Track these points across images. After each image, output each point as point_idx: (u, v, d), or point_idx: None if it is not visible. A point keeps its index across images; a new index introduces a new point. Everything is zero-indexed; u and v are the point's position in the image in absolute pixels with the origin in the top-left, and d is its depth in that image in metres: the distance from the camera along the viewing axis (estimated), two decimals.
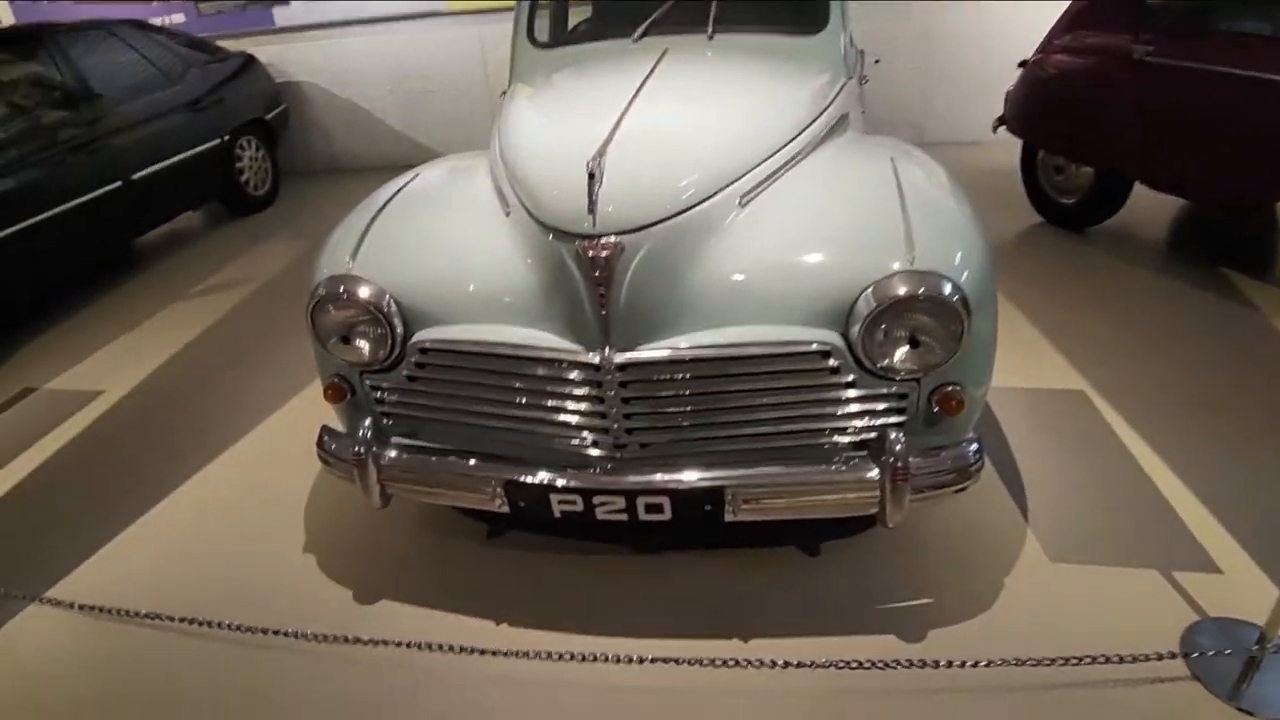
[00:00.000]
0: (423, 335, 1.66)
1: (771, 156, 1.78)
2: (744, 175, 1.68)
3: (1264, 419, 2.42)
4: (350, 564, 2.12)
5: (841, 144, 2.07)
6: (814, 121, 2.01)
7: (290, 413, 2.91)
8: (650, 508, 1.61)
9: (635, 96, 1.88)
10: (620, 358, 1.53)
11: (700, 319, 1.55)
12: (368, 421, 1.73)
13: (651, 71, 2.09)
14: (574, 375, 1.58)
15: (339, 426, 1.93)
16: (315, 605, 1.99)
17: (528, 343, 1.58)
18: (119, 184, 4.20)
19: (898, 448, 1.55)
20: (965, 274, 1.53)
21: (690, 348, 1.53)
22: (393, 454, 1.74)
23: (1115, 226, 3.99)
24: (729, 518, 1.61)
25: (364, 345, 1.69)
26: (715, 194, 1.60)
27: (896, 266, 1.51)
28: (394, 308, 1.66)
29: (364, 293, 1.65)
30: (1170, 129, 3.37)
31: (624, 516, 1.63)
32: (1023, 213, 4.28)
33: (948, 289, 1.49)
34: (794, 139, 1.88)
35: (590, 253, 1.47)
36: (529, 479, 1.63)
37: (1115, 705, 1.57)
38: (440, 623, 1.89)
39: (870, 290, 1.49)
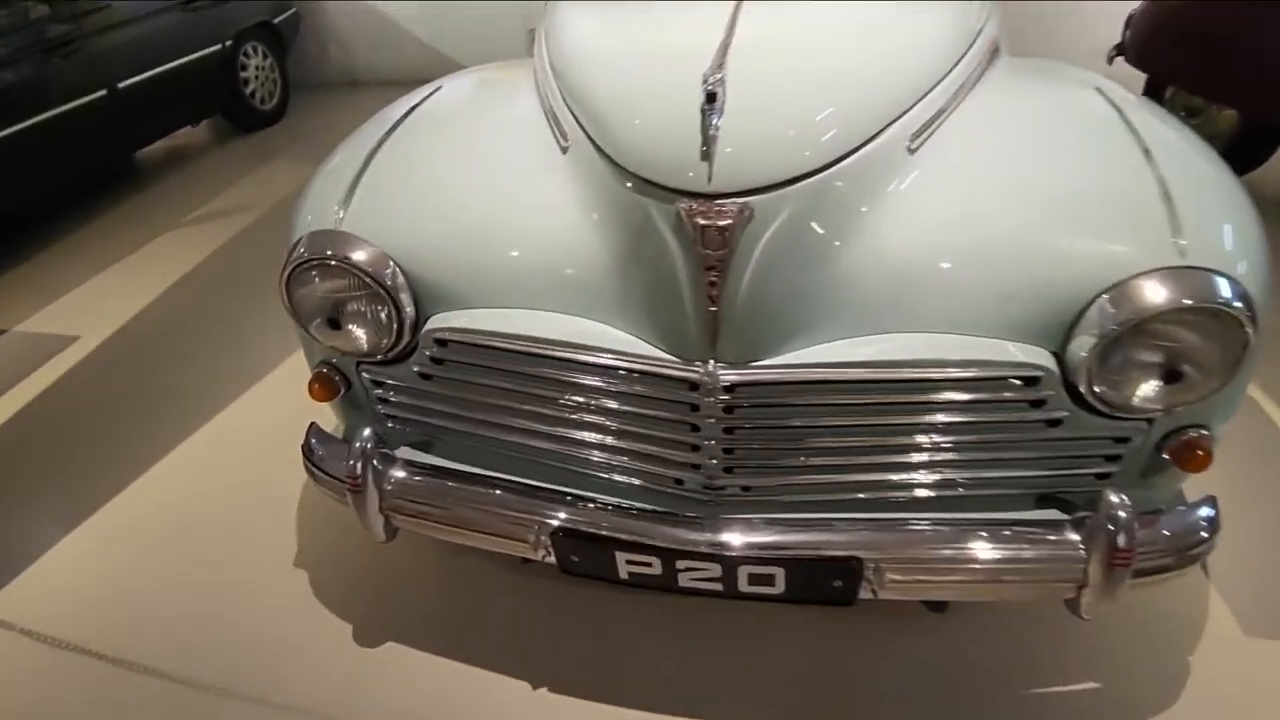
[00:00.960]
0: (440, 321, 1.19)
1: (943, 79, 1.24)
2: (913, 105, 1.16)
3: None
4: (351, 589, 1.70)
5: (1011, 69, 1.52)
6: (980, 34, 1.46)
7: (287, 376, 2.46)
8: (756, 579, 1.15)
9: None
10: (729, 375, 1.05)
11: (845, 322, 1.06)
12: (366, 432, 1.28)
13: None
14: (659, 393, 1.10)
15: (333, 422, 1.48)
16: (303, 645, 1.58)
17: (592, 344, 1.10)
18: (102, 93, 3.66)
19: (1121, 515, 1.07)
20: (1243, 267, 1.03)
21: (831, 365, 1.04)
22: (400, 474, 1.29)
23: (1247, 181, 3.37)
24: (864, 595, 1.16)
25: (359, 332, 1.22)
26: (880, 132, 1.09)
27: (1153, 260, 1.00)
28: (400, 279, 1.18)
29: (359, 257, 1.17)
30: None
31: (718, 586, 1.17)
32: None
33: (1227, 291, 0.99)
34: (963, 55, 1.34)
35: (702, 221, 0.97)
36: (586, 527, 1.18)
37: None
38: (459, 683, 1.48)
39: (1109, 296, 0.99)
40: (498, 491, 1.26)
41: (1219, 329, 1.00)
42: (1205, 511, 1.18)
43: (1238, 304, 0.99)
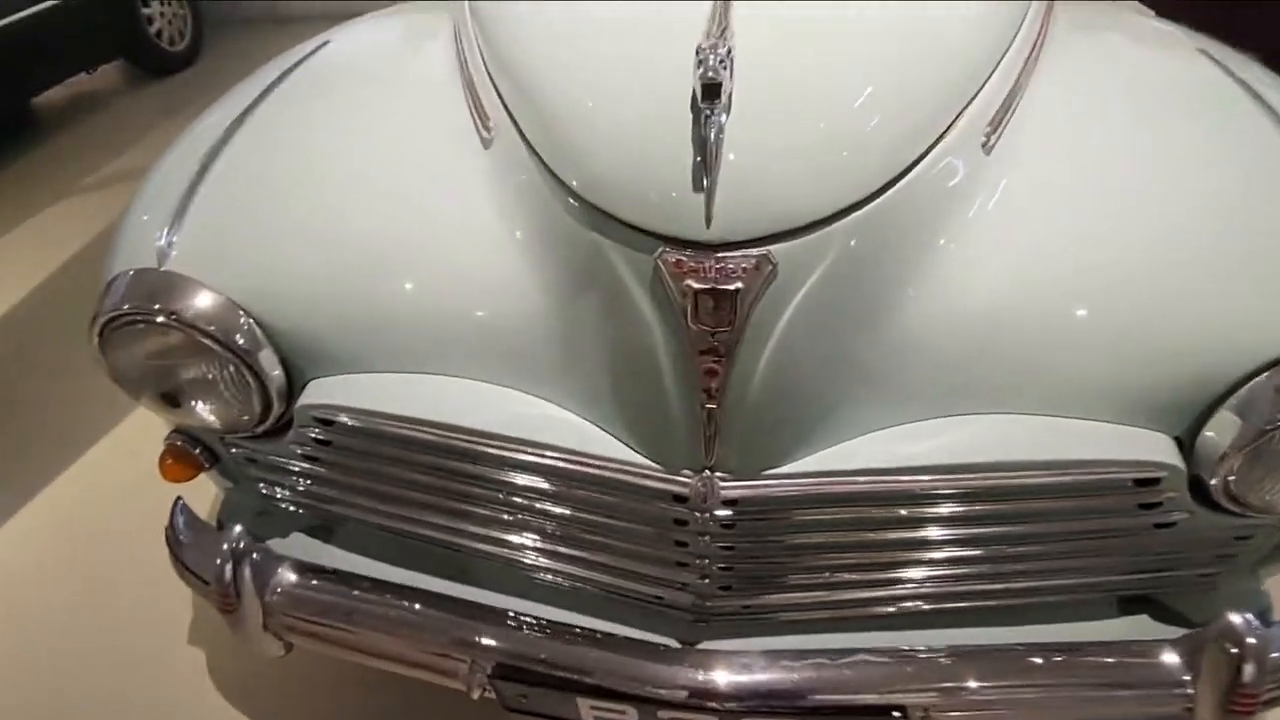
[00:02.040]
0: (321, 393, 0.85)
1: (1013, 42, 0.90)
2: (985, 81, 0.82)
3: None
4: (255, 678, 1.39)
5: (1076, 24, 1.16)
6: None
7: None
8: None
9: None
10: (730, 489, 0.73)
11: (897, 404, 0.74)
12: (236, 530, 0.94)
13: None
14: (630, 503, 0.79)
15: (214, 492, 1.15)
16: None
17: (530, 438, 0.77)
18: None
19: (1250, 642, 0.80)
20: None
21: (876, 474, 0.73)
22: (289, 579, 0.96)
23: None
24: None
25: (206, 408, 0.87)
26: (951, 126, 0.75)
27: None
28: (258, 335, 0.83)
29: (197, 308, 0.82)
30: None
31: None
32: None
33: None
34: (1028, 7, 1.00)
35: (695, 283, 0.64)
36: (536, 665, 0.87)
37: None
38: None
39: (1273, 373, 0.70)
40: (417, 607, 0.94)
41: None
42: None
43: None
